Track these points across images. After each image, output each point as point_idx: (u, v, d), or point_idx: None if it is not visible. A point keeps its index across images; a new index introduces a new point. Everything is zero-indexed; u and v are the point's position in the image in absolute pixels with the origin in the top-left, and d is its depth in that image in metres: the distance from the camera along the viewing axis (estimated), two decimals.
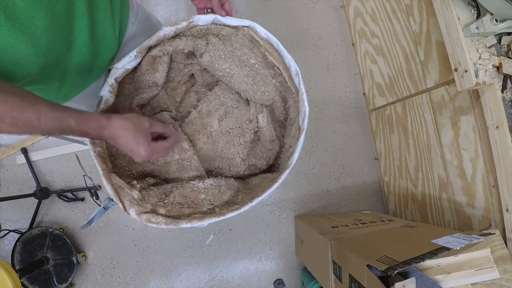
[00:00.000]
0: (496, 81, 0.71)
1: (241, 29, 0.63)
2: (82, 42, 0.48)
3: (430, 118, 0.99)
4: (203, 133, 0.67)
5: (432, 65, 0.93)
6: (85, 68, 0.54)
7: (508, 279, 0.67)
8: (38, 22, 0.37)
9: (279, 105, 0.72)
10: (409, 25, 1.00)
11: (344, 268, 0.75)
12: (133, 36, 0.63)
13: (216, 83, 0.74)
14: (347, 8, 1.41)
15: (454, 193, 0.94)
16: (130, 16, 0.61)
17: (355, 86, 1.44)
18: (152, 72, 0.64)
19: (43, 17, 0.38)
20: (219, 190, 0.59)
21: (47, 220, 1.28)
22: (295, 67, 0.62)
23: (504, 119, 0.70)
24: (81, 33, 0.46)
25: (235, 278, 1.29)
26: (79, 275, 1.26)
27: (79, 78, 0.55)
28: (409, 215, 1.19)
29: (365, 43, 1.31)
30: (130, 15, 0.61)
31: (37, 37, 0.38)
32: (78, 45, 0.47)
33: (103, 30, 0.51)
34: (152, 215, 0.49)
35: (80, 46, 0.48)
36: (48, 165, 1.30)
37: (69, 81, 0.53)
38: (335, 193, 1.37)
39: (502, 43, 0.72)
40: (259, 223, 1.32)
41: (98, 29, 0.50)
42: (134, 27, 0.62)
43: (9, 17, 0.34)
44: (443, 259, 0.66)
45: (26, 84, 0.46)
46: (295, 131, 0.66)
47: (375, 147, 1.37)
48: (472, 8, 0.72)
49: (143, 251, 1.28)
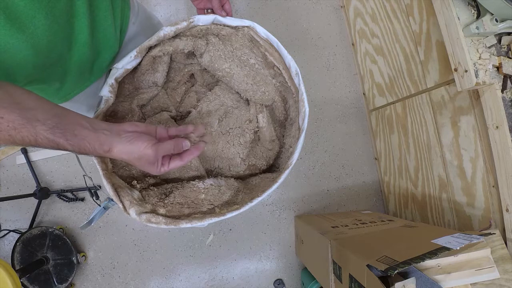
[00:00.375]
0: (496, 81, 0.71)
1: (241, 29, 0.63)
2: (83, 41, 0.47)
3: (430, 118, 0.99)
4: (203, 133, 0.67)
5: (432, 65, 0.93)
6: (86, 68, 0.54)
7: (508, 279, 0.67)
8: (38, 22, 0.37)
9: (279, 105, 0.72)
10: (409, 25, 1.00)
11: (344, 268, 0.75)
12: (134, 36, 0.63)
13: (216, 83, 0.74)
14: (347, 8, 1.41)
15: (454, 193, 0.94)
16: (131, 15, 0.61)
17: (355, 86, 1.44)
18: (152, 72, 0.64)
19: (43, 17, 0.37)
20: (219, 190, 0.59)
21: (47, 220, 1.29)
22: (295, 67, 0.62)
23: (504, 119, 0.70)
24: (82, 32, 0.46)
25: (235, 278, 1.29)
26: (79, 275, 1.26)
27: (79, 78, 0.55)
28: (409, 215, 1.19)
29: (365, 43, 1.31)
30: (131, 15, 0.61)
31: (37, 37, 0.38)
32: (78, 45, 0.47)
33: (104, 30, 0.51)
34: (152, 215, 0.49)
35: (81, 45, 0.48)
36: (48, 165, 1.31)
37: (70, 81, 0.53)
38: (335, 193, 1.37)
39: (502, 43, 0.72)
40: (259, 223, 1.32)
41: (99, 29, 0.50)
42: (135, 27, 0.62)
43: (9, 17, 0.34)
44: (443, 259, 0.66)
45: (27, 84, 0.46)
46: (295, 131, 0.66)
47: (375, 147, 1.37)
48: (472, 8, 0.72)
49: (143, 251, 1.28)
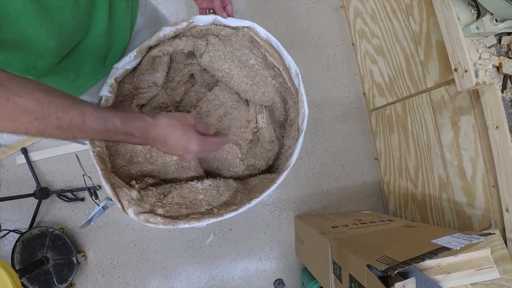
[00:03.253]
0: (496, 81, 0.71)
1: (241, 30, 0.63)
2: (100, 31, 0.47)
3: (430, 118, 0.99)
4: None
5: (432, 65, 0.93)
6: (100, 58, 0.54)
7: (508, 279, 0.67)
8: (66, 12, 0.37)
9: (279, 106, 0.72)
10: (409, 25, 1.00)
11: (344, 268, 0.75)
12: (141, 28, 0.63)
13: (216, 83, 0.74)
14: (347, 8, 1.41)
15: (454, 193, 0.94)
16: (139, 7, 0.61)
17: (355, 86, 1.44)
18: (152, 72, 0.64)
19: (70, 7, 0.38)
20: (218, 190, 0.59)
21: (47, 220, 1.29)
22: (295, 68, 0.62)
23: (504, 119, 0.70)
24: (100, 21, 0.46)
25: (235, 278, 1.29)
26: (79, 275, 1.26)
27: (93, 69, 0.55)
28: (409, 215, 1.19)
29: (365, 43, 1.31)
30: (139, 6, 0.61)
31: (64, 27, 0.38)
32: (95, 34, 0.47)
33: (120, 20, 0.51)
34: (150, 215, 0.49)
35: (97, 35, 0.48)
36: (48, 165, 1.31)
37: (84, 71, 0.53)
38: (335, 193, 1.37)
39: (502, 43, 0.72)
40: (259, 223, 1.32)
41: (116, 18, 0.50)
42: (143, 18, 0.62)
43: (41, 7, 0.34)
44: (443, 259, 0.66)
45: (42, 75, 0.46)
46: (294, 132, 0.66)
47: (375, 147, 1.37)
48: (472, 8, 0.72)
49: (143, 251, 1.28)
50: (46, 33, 0.36)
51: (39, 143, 1.32)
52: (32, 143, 1.31)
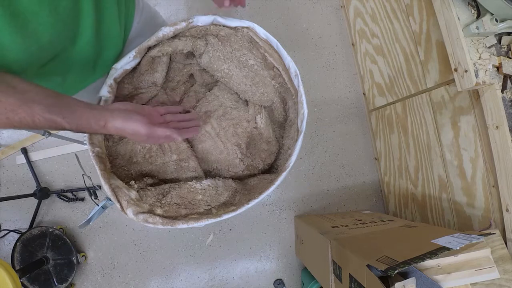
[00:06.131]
0: (496, 81, 0.71)
1: (240, 30, 0.63)
2: (87, 39, 0.47)
3: (430, 118, 0.99)
4: (202, 133, 0.67)
5: (432, 65, 0.93)
6: (89, 65, 0.54)
7: (508, 279, 0.67)
8: (42, 18, 0.37)
9: (279, 106, 0.72)
10: (409, 25, 1.00)
11: (344, 268, 0.75)
12: (138, 34, 0.63)
13: (215, 84, 0.74)
14: (347, 8, 1.41)
15: (454, 193, 0.94)
16: (135, 14, 0.60)
17: (355, 86, 1.44)
18: (151, 72, 0.64)
19: (46, 14, 0.37)
20: (216, 191, 0.59)
21: (47, 220, 1.29)
22: (295, 69, 0.62)
23: (504, 119, 0.70)
24: (86, 30, 0.46)
25: (235, 278, 1.29)
26: (79, 275, 1.26)
27: (82, 75, 0.55)
28: (409, 215, 1.19)
29: (365, 43, 1.31)
30: (136, 13, 0.60)
31: (40, 34, 0.38)
32: (82, 42, 0.47)
33: (109, 28, 0.51)
34: (149, 215, 0.49)
35: (85, 43, 0.47)
36: (48, 165, 1.31)
37: (72, 76, 0.53)
38: (335, 193, 1.37)
39: (502, 43, 0.72)
40: (259, 223, 1.32)
41: (104, 27, 0.49)
42: (139, 25, 0.62)
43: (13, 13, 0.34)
44: (443, 259, 0.66)
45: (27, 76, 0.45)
46: (294, 132, 0.66)
47: (375, 147, 1.37)
48: (472, 8, 0.71)
49: (143, 251, 1.28)
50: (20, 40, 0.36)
51: (39, 143, 1.32)
52: (32, 143, 1.31)
